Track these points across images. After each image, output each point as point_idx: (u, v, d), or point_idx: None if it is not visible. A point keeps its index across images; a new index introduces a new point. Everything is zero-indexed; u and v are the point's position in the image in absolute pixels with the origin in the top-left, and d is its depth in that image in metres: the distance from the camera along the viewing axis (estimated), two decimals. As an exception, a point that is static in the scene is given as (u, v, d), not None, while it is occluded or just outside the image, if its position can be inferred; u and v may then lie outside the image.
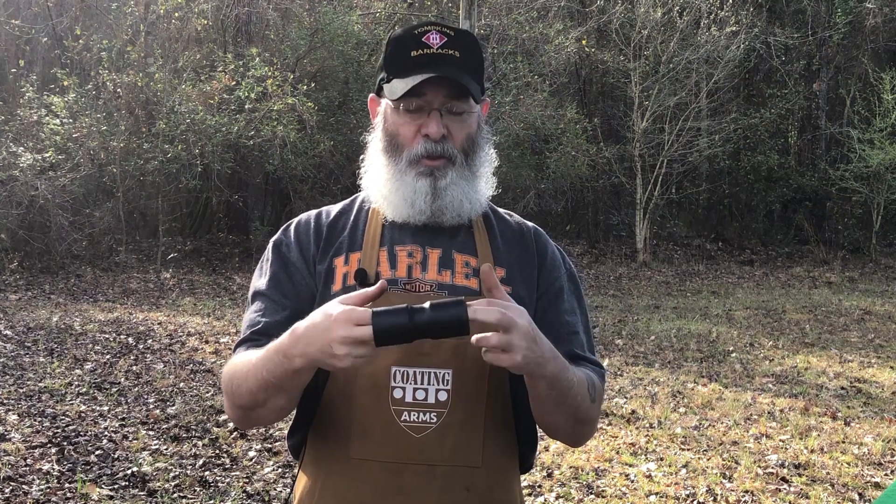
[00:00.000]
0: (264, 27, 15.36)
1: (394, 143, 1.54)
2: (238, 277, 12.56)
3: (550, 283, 1.61)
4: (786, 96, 18.02)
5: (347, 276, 1.53)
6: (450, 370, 1.47)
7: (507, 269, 1.57)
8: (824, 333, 9.56)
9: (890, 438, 5.58)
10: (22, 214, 11.97)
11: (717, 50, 15.83)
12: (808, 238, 17.88)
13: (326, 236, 1.60)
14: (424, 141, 1.51)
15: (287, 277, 1.58)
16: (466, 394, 1.48)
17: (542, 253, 1.63)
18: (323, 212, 1.67)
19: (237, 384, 1.46)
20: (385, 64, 1.56)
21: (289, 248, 1.61)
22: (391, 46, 1.54)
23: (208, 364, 7.13)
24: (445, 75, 1.47)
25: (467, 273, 1.54)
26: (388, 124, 1.56)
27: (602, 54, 16.23)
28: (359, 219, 1.62)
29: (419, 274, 1.53)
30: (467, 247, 1.57)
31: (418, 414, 1.47)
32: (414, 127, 1.52)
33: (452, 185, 1.52)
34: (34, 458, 4.65)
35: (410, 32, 1.52)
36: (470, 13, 8.43)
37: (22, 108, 12.98)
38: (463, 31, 1.54)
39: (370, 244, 1.56)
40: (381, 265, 1.54)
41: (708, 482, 4.71)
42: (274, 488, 4.42)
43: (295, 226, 1.65)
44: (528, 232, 1.65)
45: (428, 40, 1.50)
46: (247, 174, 14.37)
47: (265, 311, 1.56)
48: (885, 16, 18.00)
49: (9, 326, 8.23)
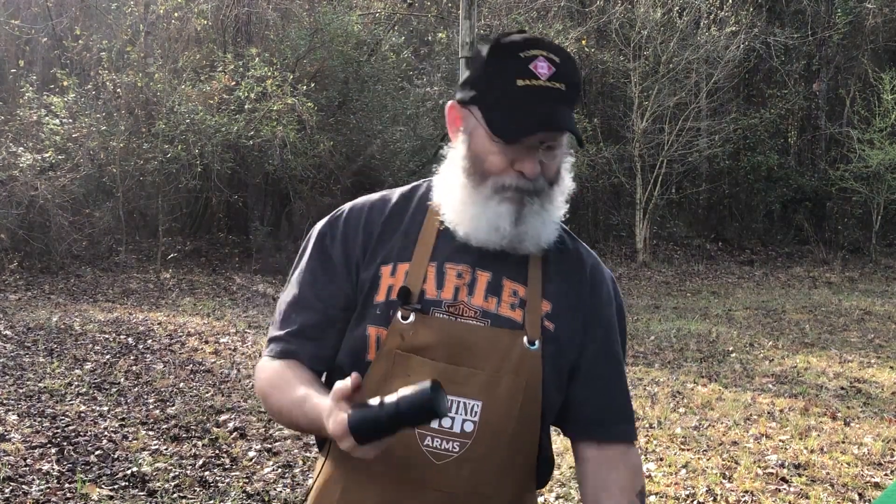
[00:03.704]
0: (264, 27, 15.36)
1: (479, 168, 1.46)
2: (238, 277, 12.56)
3: (600, 327, 1.56)
4: (786, 96, 18.02)
5: (392, 290, 1.48)
6: (480, 402, 1.46)
7: (553, 303, 1.52)
8: (824, 333, 9.56)
9: (890, 438, 5.58)
10: (22, 214, 11.96)
11: (717, 50, 15.83)
12: (808, 238, 17.88)
13: (378, 238, 1.53)
14: (517, 177, 1.44)
15: (324, 277, 1.54)
16: (492, 427, 1.47)
17: (595, 290, 1.57)
18: (378, 202, 1.58)
19: (275, 408, 1.52)
20: (483, 83, 1.45)
21: (332, 243, 1.55)
22: (492, 66, 1.44)
23: (208, 364, 7.13)
24: (560, 128, 1.42)
25: (513, 303, 1.49)
26: (477, 148, 1.46)
27: (602, 54, 16.23)
28: (415, 219, 1.55)
29: (465, 297, 1.49)
30: (519, 274, 1.51)
31: (441, 441, 1.46)
32: (506, 159, 1.44)
33: (535, 213, 1.46)
34: (34, 458, 4.65)
35: (515, 54, 1.42)
36: (470, 13, 8.43)
37: (22, 108, 12.98)
38: (567, 56, 1.45)
39: (420, 256, 1.51)
40: (428, 282, 1.49)
41: (708, 482, 4.71)
42: (274, 488, 4.42)
43: (345, 218, 1.57)
44: (585, 265, 1.58)
45: (536, 69, 1.40)
46: (246, 174, 14.37)
47: (300, 309, 1.54)
48: (885, 16, 18.00)
49: (9, 326, 8.23)
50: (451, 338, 1.46)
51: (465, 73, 1.56)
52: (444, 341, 1.46)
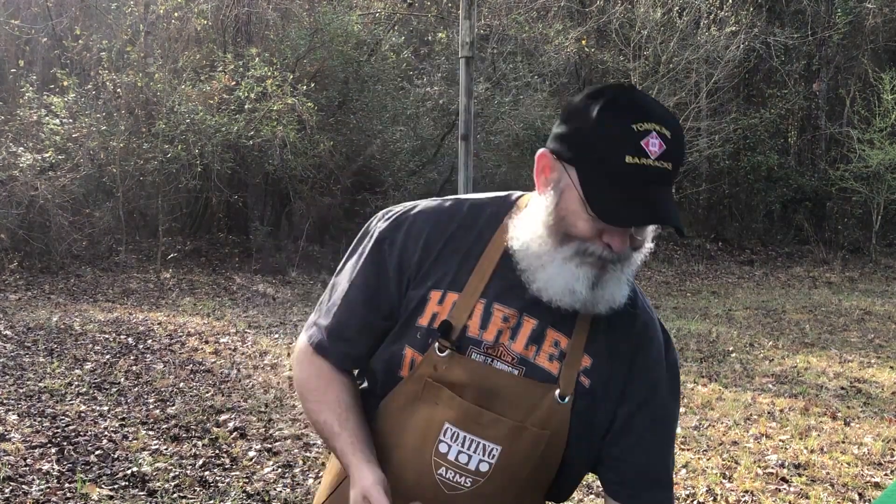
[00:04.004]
0: (264, 27, 15.35)
1: (565, 229, 1.39)
2: (238, 277, 12.56)
3: (643, 387, 1.51)
4: (786, 96, 18.02)
5: (437, 318, 1.47)
6: (500, 447, 1.46)
7: (594, 359, 1.48)
8: (824, 333, 9.56)
9: (890, 438, 5.58)
10: (22, 214, 11.96)
11: (717, 50, 15.83)
12: (808, 238, 17.87)
13: (435, 258, 1.49)
14: (603, 247, 1.38)
15: (375, 284, 1.52)
16: (507, 471, 1.48)
17: (643, 350, 1.52)
18: (444, 216, 1.52)
19: (309, 415, 1.57)
20: (586, 146, 1.35)
21: (391, 250, 1.51)
22: (601, 130, 1.34)
23: (208, 364, 7.13)
24: (664, 223, 1.35)
25: (552, 354, 1.47)
26: (566, 209, 1.39)
27: (602, 54, 16.23)
28: (477, 246, 1.49)
29: (506, 340, 1.46)
30: (565, 324, 1.47)
31: (455, 474, 1.47)
32: (595, 229, 1.37)
33: (615, 280, 1.42)
34: (34, 458, 4.65)
35: (627, 124, 1.32)
36: (470, 13, 8.43)
37: (22, 108, 12.97)
38: (677, 129, 1.37)
39: (472, 290, 1.47)
40: (473, 319, 1.46)
41: (708, 482, 4.71)
42: (274, 488, 4.42)
43: (407, 228, 1.52)
44: (636, 321, 1.52)
45: (647, 146, 1.32)
46: (246, 174, 14.37)
47: (345, 307, 1.55)
48: (885, 16, 18.00)
49: (9, 326, 8.23)
50: (483, 382, 1.46)
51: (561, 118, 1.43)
52: (475, 383, 1.45)
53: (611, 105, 1.35)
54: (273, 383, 6.56)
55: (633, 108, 1.35)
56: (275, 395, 6.19)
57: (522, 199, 1.54)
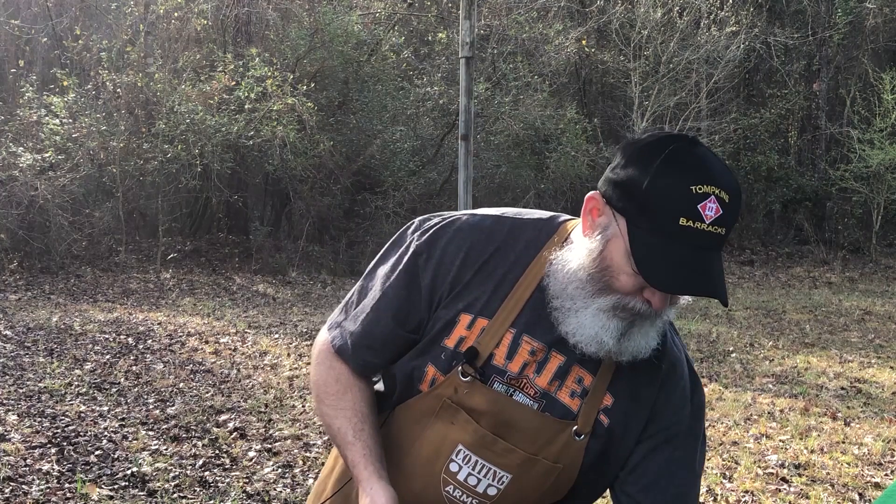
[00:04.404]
0: (264, 27, 15.35)
1: (606, 280, 1.36)
2: (238, 277, 12.56)
3: (663, 427, 1.50)
4: (786, 96, 18.02)
5: (463, 342, 1.45)
6: (510, 475, 1.47)
7: (616, 398, 1.47)
8: (824, 333, 9.56)
9: (890, 438, 5.58)
10: (22, 214, 11.96)
11: (717, 50, 15.83)
12: (808, 238, 17.88)
13: (471, 279, 1.46)
14: (643, 303, 1.36)
15: (407, 298, 1.49)
16: (515, 498, 1.49)
17: (667, 392, 1.50)
18: (484, 237, 1.47)
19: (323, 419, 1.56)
20: (640, 199, 1.31)
21: (426, 266, 1.48)
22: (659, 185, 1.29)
23: (208, 364, 7.13)
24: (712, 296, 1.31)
25: (574, 391, 1.46)
26: (611, 259, 1.35)
27: (602, 54, 16.23)
28: (513, 272, 1.46)
29: (531, 373, 1.45)
30: (591, 362, 1.45)
31: (462, 494, 1.48)
32: (637, 284, 1.35)
33: (643, 333, 1.40)
34: (34, 458, 4.65)
35: (686, 185, 1.28)
36: (470, 13, 8.43)
37: (22, 108, 12.98)
38: (736, 192, 1.32)
39: (503, 318, 1.44)
40: (500, 348, 1.45)
41: (708, 482, 4.71)
42: (274, 488, 4.42)
43: (445, 244, 1.48)
44: (662, 361, 1.50)
45: (703, 210, 1.27)
46: (246, 174, 14.37)
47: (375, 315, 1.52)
48: (885, 16, 18.00)
49: (9, 326, 8.23)
50: (501, 412, 1.45)
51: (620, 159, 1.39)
52: (493, 412, 1.45)
53: (672, 160, 1.30)
54: (273, 383, 6.56)
55: (695, 167, 1.30)
56: (275, 395, 6.19)
57: (568, 224, 1.51)
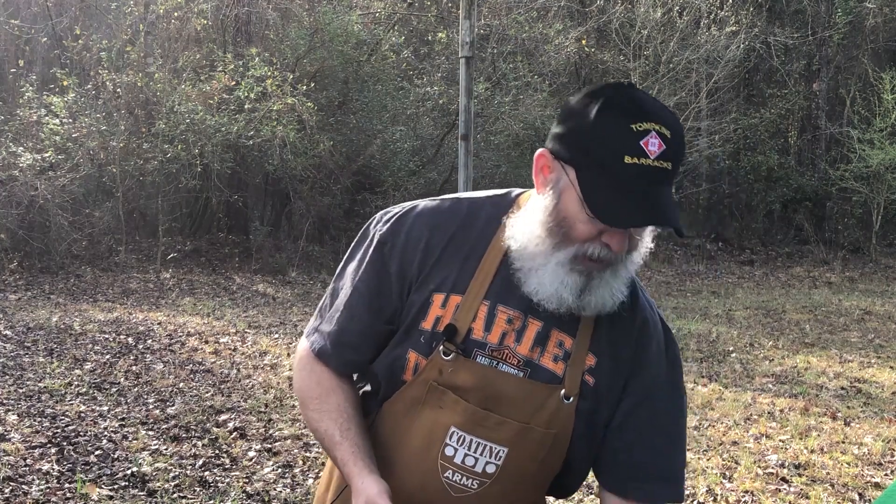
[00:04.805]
0: (264, 27, 15.35)
1: (564, 231, 1.38)
2: (238, 277, 12.56)
3: (644, 383, 1.52)
4: (786, 96, 18.02)
5: (440, 321, 1.46)
6: (506, 448, 1.46)
7: (598, 358, 1.49)
8: (824, 333, 9.56)
9: (890, 438, 5.58)
10: (22, 214, 11.96)
11: (717, 50, 15.83)
12: (808, 238, 17.88)
13: (435, 261, 1.48)
14: (601, 247, 1.38)
15: (378, 288, 1.51)
16: (514, 472, 1.48)
17: (644, 346, 1.52)
18: (443, 219, 1.50)
19: (309, 424, 1.56)
20: (585, 147, 1.34)
21: (392, 253, 1.50)
22: (599, 130, 1.33)
23: (208, 364, 7.13)
24: (665, 225, 1.34)
25: (557, 355, 1.47)
26: (565, 210, 1.38)
27: (602, 54, 16.23)
28: (478, 246, 1.48)
29: (511, 343, 1.46)
30: (569, 325, 1.47)
31: (462, 477, 1.47)
32: (594, 230, 1.37)
33: (604, 284, 1.41)
34: (34, 458, 4.65)
35: (627, 124, 1.31)
36: (470, 13, 8.43)
37: (21, 108, 12.97)
38: (677, 127, 1.36)
39: (475, 292, 1.46)
40: (477, 321, 1.46)
41: (708, 482, 4.71)
42: (274, 488, 4.42)
43: (408, 230, 1.50)
44: (635, 318, 1.52)
45: (647, 146, 1.31)
46: (246, 174, 14.37)
47: (348, 312, 1.53)
48: (885, 16, 18.00)
49: (8, 326, 8.23)
50: (488, 385, 1.45)
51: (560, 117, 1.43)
52: (480, 387, 1.45)
53: (609, 105, 1.34)
54: (273, 383, 6.56)
55: (632, 107, 1.33)
56: (275, 395, 6.19)
57: (522, 196, 1.53)
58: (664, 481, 1.53)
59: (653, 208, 1.33)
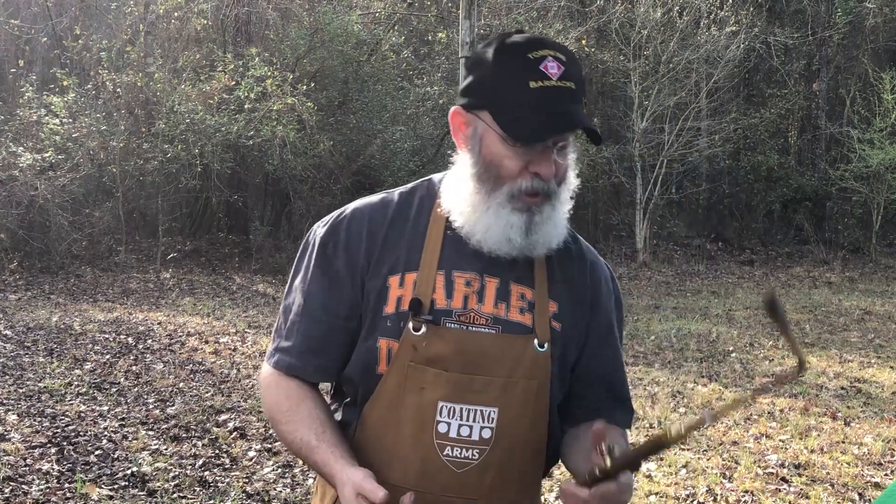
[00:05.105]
0: (264, 27, 15.36)
1: (494, 173, 1.43)
2: (238, 277, 12.56)
3: (601, 321, 1.59)
4: (786, 96, 18.02)
5: (402, 301, 1.48)
6: (496, 408, 1.47)
7: (559, 304, 1.53)
8: (824, 333, 9.56)
9: (890, 438, 5.58)
10: (22, 214, 11.96)
11: (717, 50, 15.83)
12: (808, 238, 17.88)
13: (381, 247, 1.51)
14: (532, 178, 1.43)
15: (328, 287, 1.52)
16: (510, 431, 1.49)
17: (595, 288, 1.59)
18: (379, 208, 1.55)
19: (284, 439, 1.54)
20: (492, 86, 1.42)
21: (335, 251, 1.52)
22: (500, 68, 1.41)
23: (208, 364, 7.13)
24: (580, 127, 1.41)
25: (522, 307, 1.50)
26: (490, 153, 1.43)
27: (602, 54, 16.23)
28: (419, 224, 1.53)
29: (475, 304, 1.48)
30: (525, 277, 1.51)
31: (461, 450, 1.47)
32: (521, 162, 1.42)
33: (546, 220, 1.46)
34: (34, 458, 4.65)
35: (523, 55, 1.40)
36: (470, 13, 8.43)
37: (21, 108, 12.98)
38: (571, 54, 1.44)
39: (428, 265, 1.49)
40: (437, 291, 1.48)
41: (708, 482, 4.71)
42: (274, 488, 4.42)
43: (347, 225, 1.54)
44: (585, 262, 1.60)
45: (546, 70, 1.38)
46: (246, 174, 14.37)
47: (305, 320, 1.54)
48: (885, 16, 18.01)
49: (8, 326, 8.23)
50: (465, 348, 1.46)
51: (464, 76, 1.54)
52: (458, 351, 1.46)
53: (503, 44, 1.43)
54: (273, 383, 6.55)
55: (524, 41, 1.42)
56: (275, 395, 6.18)
57: (446, 177, 1.58)
58: (627, 410, 1.63)
59: (564, 117, 1.40)
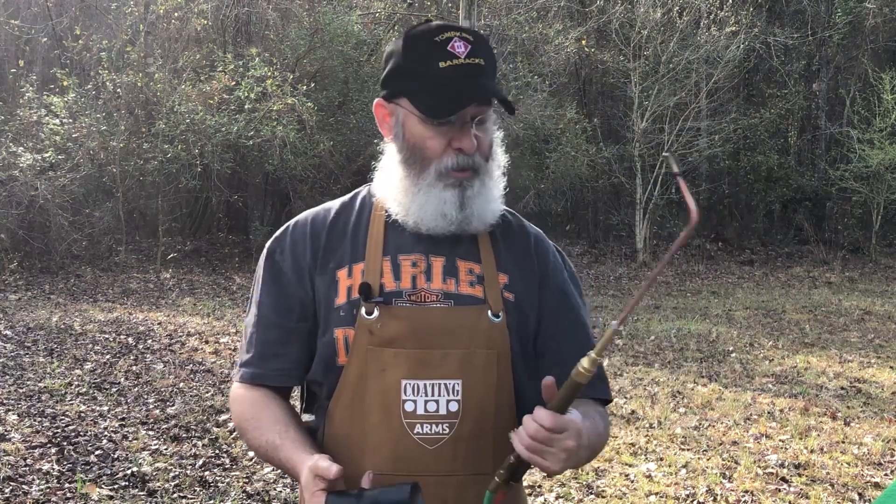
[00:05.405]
0: (264, 27, 15.36)
1: (419, 156, 1.50)
2: (238, 277, 12.56)
3: (554, 287, 1.61)
4: (786, 96, 18.02)
5: (352, 290, 1.52)
6: (459, 380, 1.48)
7: (509, 275, 1.56)
8: (824, 333, 9.56)
9: (890, 438, 5.58)
10: (22, 214, 11.96)
11: (717, 50, 15.83)
12: (808, 238, 17.88)
13: (325, 243, 1.57)
14: (456, 155, 1.48)
15: (278, 290, 1.57)
16: (476, 403, 1.49)
17: (542, 257, 1.63)
18: (321, 212, 1.62)
19: (252, 445, 1.56)
20: (405, 73, 1.50)
21: (283, 257, 1.59)
22: (411, 56, 1.49)
23: (208, 364, 7.14)
24: (491, 96, 1.47)
25: (472, 281, 1.53)
26: (412, 136, 1.50)
27: (602, 54, 16.23)
28: (360, 220, 1.58)
29: (424, 283, 1.52)
30: (471, 253, 1.55)
31: (431, 426, 1.48)
32: (443, 140, 1.48)
33: (478, 195, 1.51)
34: (34, 458, 4.65)
35: (430, 39, 1.48)
36: (470, 13, 8.43)
37: (22, 108, 12.98)
38: (478, 34, 1.51)
39: (373, 253, 1.53)
40: (385, 276, 1.52)
41: (708, 482, 4.71)
42: (274, 488, 4.42)
43: (291, 231, 1.61)
44: (528, 236, 1.64)
45: (454, 49, 1.46)
46: (246, 174, 14.37)
47: (260, 328, 1.58)
48: (885, 16, 18.01)
49: (9, 326, 8.23)
50: (419, 324, 1.49)
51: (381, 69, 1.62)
52: (413, 328, 1.48)
53: (411, 34, 1.51)
54: (273, 383, 6.56)
55: (429, 27, 1.50)
56: (275, 395, 6.19)
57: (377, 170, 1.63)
58: (599, 379, 1.59)
59: (474, 91, 1.46)
